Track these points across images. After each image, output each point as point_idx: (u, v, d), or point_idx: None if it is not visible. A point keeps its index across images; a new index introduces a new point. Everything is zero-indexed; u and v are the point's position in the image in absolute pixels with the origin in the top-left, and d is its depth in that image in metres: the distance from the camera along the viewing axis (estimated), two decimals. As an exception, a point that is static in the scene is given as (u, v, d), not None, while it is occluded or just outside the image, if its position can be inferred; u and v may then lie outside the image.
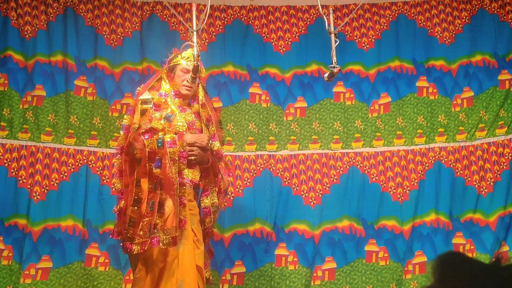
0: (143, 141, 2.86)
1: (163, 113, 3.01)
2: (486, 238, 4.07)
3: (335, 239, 4.18)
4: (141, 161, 2.88)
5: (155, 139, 2.88)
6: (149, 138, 2.87)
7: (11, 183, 3.96)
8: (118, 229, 2.98)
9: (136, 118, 2.95)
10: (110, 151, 4.15)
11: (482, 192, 4.16)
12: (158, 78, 3.16)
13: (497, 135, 4.22)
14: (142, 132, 2.89)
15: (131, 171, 2.94)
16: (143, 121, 2.94)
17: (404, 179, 4.26)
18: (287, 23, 4.49)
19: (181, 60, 3.16)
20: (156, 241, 2.82)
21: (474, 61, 4.34)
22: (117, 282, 3.98)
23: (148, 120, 2.95)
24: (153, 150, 2.86)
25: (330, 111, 4.38)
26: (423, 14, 4.45)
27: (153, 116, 2.98)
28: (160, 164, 2.88)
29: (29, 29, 4.17)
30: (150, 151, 2.86)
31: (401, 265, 4.12)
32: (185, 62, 3.14)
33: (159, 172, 2.87)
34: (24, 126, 4.06)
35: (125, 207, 2.91)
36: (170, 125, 3.00)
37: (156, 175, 2.87)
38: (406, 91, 4.37)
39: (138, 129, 2.92)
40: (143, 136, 2.88)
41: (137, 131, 2.91)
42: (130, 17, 4.36)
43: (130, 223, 2.85)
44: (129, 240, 2.86)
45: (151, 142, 2.87)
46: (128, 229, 2.85)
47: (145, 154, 2.85)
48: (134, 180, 2.89)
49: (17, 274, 3.84)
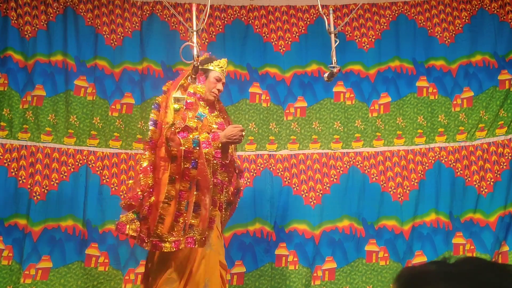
0: (178, 140, 2.87)
1: (194, 112, 3.02)
2: (486, 238, 4.07)
3: (335, 239, 4.18)
4: (177, 159, 2.89)
5: (191, 138, 2.89)
6: (184, 137, 2.89)
7: (11, 183, 3.96)
8: (146, 226, 2.92)
9: (170, 115, 2.96)
10: (110, 151, 4.16)
11: (482, 192, 4.16)
12: (187, 76, 3.15)
13: (497, 135, 4.22)
14: (178, 131, 2.90)
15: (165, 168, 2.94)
16: (177, 119, 2.95)
17: (404, 179, 4.26)
18: (287, 23, 4.49)
19: (216, 67, 3.21)
20: (192, 241, 2.84)
21: (474, 61, 4.35)
22: (117, 282, 3.98)
23: (182, 119, 2.95)
24: (189, 149, 2.87)
25: (330, 111, 4.38)
26: (423, 14, 4.45)
27: (186, 114, 2.98)
28: (196, 164, 2.88)
29: (29, 29, 4.17)
30: (186, 150, 2.87)
31: (401, 265, 4.11)
32: (219, 71, 3.21)
33: (196, 172, 2.88)
34: (24, 126, 4.06)
35: (155, 203, 2.90)
36: (202, 125, 3.02)
37: (192, 175, 2.88)
38: (406, 91, 4.38)
39: (172, 126, 2.91)
40: (178, 135, 2.89)
41: (173, 129, 2.91)
42: (130, 17, 4.36)
43: (160, 220, 2.85)
44: (158, 238, 2.85)
45: (187, 141, 2.88)
46: (157, 226, 2.84)
47: (180, 153, 2.86)
48: (168, 177, 2.89)
49: (17, 274, 3.84)
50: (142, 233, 2.91)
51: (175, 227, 2.84)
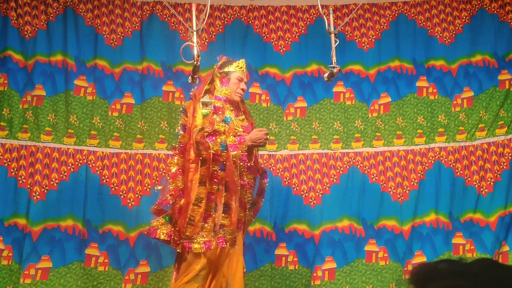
0: (207, 143, 2.96)
1: (221, 116, 3.11)
2: (486, 238, 4.07)
3: (335, 239, 4.17)
4: (206, 162, 2.97)
5: (219, 142, 2.99)
6: (213, 141, 2.98)
7: (11, 183, 3.95)
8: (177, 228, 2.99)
9: (199, 120, 3.05)
10: (110, 151, 4.16)
11: (482, 192, 4.16)
12: (210, 81, 3.22)
13: (497, 135, 4.22)
14: (206, 134, 2.99)
15: (194, 170, 3.02)
16: (205, 123, 3.04)
17: (404, 179, 4.26)
18: (287, 23, 4.49)
19: (237, 68, 3.30)
20: (223, 240, 2.94)
21: (474, 61, 4.34)
22: (117, 282, 3.97)
23: (210, 123, 3.04)
24: (217, 152, 2.97)
25: (330, 111, 4.37)
26: (423, 14, 4.45)
27: (214, 119, 3.06)
28: (224, 167, 2.98)
29: (29, 29, 4.17)
30: (215, 153, 2.96)
31: (401, 265, 4.11)
32: (240, 71, 3.30)
33: (224, 174, 2.98)
34: (24, 126, 4.06)
35: (185, 205, 2.97)
36: (229, 128, 3.10)
37: (220, 177, 2.98)
38: (406, 91, 4.38)
39: (201, 130, 3.00)
40: (207, 139, 2.97)
41: (201, 133, 2.99)
42: (130, 17, 4.36)
43: (190, 222, 2.93)
44: (188, 239, 2.93)
45: (215, 144, 2.98)
46: (187, 228, 2.92)
47: (209, 156, 2.96)
48: (198, 180, 2.97)
49: (17, 274, 3.83)
50: (175, 236, 2.99)
51: (204, 228, 2.93)
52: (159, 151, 4.22)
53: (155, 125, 4.25)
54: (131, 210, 4.09)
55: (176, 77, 4.33)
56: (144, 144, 4.22)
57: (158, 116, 4.26)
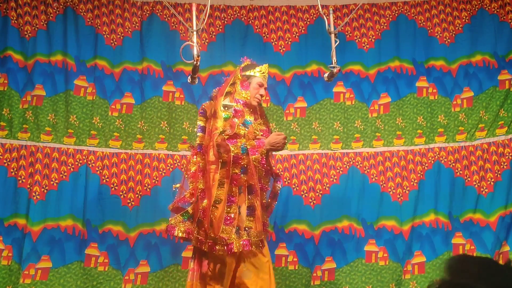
0: (228, 146, 2.99)
1: (241, 119, 3.13)
2: (486, 238, 4.07)
3: (335, 239, 4.17)
4: (226, 164, 3.00)
5: (239, 145, 3.02)
6: (233, 143, 3.01)
7: (11, 183, 3.95)
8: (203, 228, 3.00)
9: (220, 122, 3.06)
10: (110, 151, 4.16)
11: (482, 192, 4.16)
12: (231, 83, 3.22)
13: (497, 135, 4.22)
14: (227, 137, 3.02)
15: (214, 172, 3.04)
16: (226, 126, 3.06)
17: (403, 179, 4.26)
18: (287, 23, 4.49)
19: (258, 73, 3.30)
20: (248, 243, 2.96)
21: (474, 61, 4.34)
22: (117, 282, 3.97)
23: (231, 126, 3.06)
24: (237, 155, 3.00)
25: (330, 111, 4.37)
26: (423, 14, 4.45)
27: (235, 122, 3.08)
28: (246, 170, 3.02)
29: (29, 29, 4.17)
30: (235, 156, 2.99)
31: (401, 265, 4.12)
32: (261, 77, 3.29)
33: (246, 178, 3.02)
34: (23, 126, 4.06)
35: (208, 207, 2.98)
36: (248, 132, 3.13)
37: (242, 180, 3.01)
38: (406, 91, 4.38)
39: (222, 133, 3.02)
40: (227, 142, 3.00)
41: (222, 136, 3.01)
42: (130, 17, 4.36)
43: (211, 223, 2.95)
44: (212, 240, 2.95)
45: (236, 147, 3.01)
46: (209, 229, 2.95)
47: (230, 158, 2.98)
48: (217, 182, 2.99)
49: (16, 274, 3.83)
50: (200, 235, 3.00)
51: (225, 231, 2.94)
52: (159, 151, 4.22)
53: (155, 125, 4.25)
54: (131, 210, 4.10)
55: (176, 77, 4.33)
56: (144, 144, 4.22)
57: (158, 116, 4.27)
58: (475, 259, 1.25)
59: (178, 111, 4.30)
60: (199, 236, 3.00)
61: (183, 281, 4.02)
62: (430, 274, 4.08)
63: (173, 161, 4.22)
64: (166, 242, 4.05)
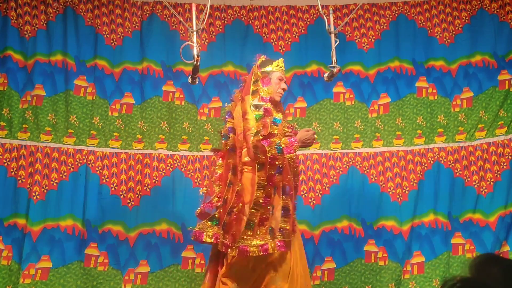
0: (264, 147, 2.92)
1: (271, 118, 3.05)
2: (486, 238, 4.07)
3: (334, 239, 4.18)
4: (264, 166, 2.92)
5: (274, 145, 2.94)
6: (269, 144, 2.93)
7: (11, 183, 3.95)
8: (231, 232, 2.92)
9: (252, 122, 2.98)
10: (110, 151, 4.16)
11: (482, 192, 4.16)
12: (254, 81, 3.15)
13: (497, 135, 4.22)
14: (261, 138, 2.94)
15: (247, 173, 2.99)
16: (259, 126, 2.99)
17: (403, 179, 4.26)
18: (287, 23, 4.49)
19: (276, 67, 3.23)
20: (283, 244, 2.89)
21: (474, 61, 4.35)
22: (117, 282, 3.97)
23: (264, 126, 2.99)
24: (274, 155, 2.92)
25: (330, 111, 4.38)
26: (423, 14, 4.45)
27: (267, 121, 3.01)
28: (281, 170, 2.93)
29: (29, 29, 4.16)
30: (271, 156, 2.91)
31: (400, 265, 4.12)
32: (280, 71, 3.23)
33: (281, 178, 2.94)
34: (23, 126, 4.06)
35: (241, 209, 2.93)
36: (279, 130, 3.06)
37: (277, 181, 2.93)
38: (406, 92, 4.38)
39: (257, 134, 2.95)
40: (263, 142, 2.93)
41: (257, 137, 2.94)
42: (130, 17, 4.36)
43: (248, 226, 2.88)
44: (244, 243, 2.87)
45: (272, 148, 2.93)
46: (245, 232, 2.88)
47: (267, 159, 2.91)
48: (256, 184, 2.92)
49: (16, 274, 3.83)
50: (225, 239, 2.93)
51: (260, 231, 2.89)
52: (159, 151, 4.22)
53: (155, 125, 4.25)
54: (131, 210, 4.10)
55: (176, 77, 4.33)
56: (144, 144, 4.22)
57: (158, 116, 4.27)
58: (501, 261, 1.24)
59: (178, 111, 4.30)
60: (225, 240, 2.92)
61: (183, 281, 4.03)
62: (430, 274, 4.09)
63: (173, 161, 4.22)
64: (166, 242, 4.06)
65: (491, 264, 1.21)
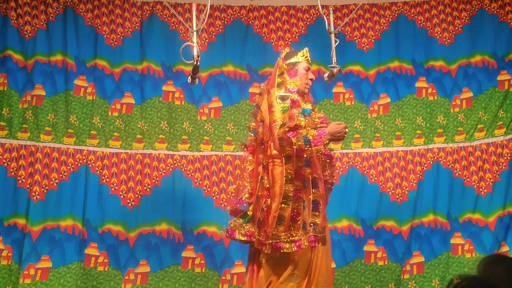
0: (290, 139, 2.82)
1: (299, 109, 2.96)
2: (485, 238, 4.08)
3: (334, 239, 4.16)
4: (290, 159, 2.84)
5: (301, 137, 2.84)
6: (295, 135, 2.84)
7: (11, 183, 3.96)
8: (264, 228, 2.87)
9: (277, 114, 2.88)
10: (110, 151, 4.16)
11: (481, 193, 4.17)
12: (280, 74, 3.06)
13: (496, 136, 4.23)
14: (287, 130, 2.85)
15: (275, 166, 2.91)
16: (285, 118, 2.88)
17: (403, 179, 4.26)
18: (287, 23, 4.49)
19: (301, 58, 3.11)
20: (315, 239, 2.82)
21: (474, 61, 4.35)
22: (117, 282, 3.97)
23: (290, 118, 2.89)
24: (301, 147, 2.82)
25: (330, 111, 4.37)
26: (423, 14, 4.45)
27: (294, 113, 2.92)
28: (309, 163, 2.84)
29: (29, 29, 4.16)
30: (298, 148, 2.82)
31: (400, 265, 4.12)
32: (306, 61, 3.11)
33: (310, 171, 2.84)
34: (23, 126, 4.06)
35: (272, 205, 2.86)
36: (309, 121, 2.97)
37: (305, 173, 2.84)
38: (406, 92, 4.38)
39: (283, 126, 2.85)
40: (288, 134, 2.84)
41: (283, 129, 2.84)
42: (130, 17, 4.36)
43: (279, 221, 2.81)
44: (277, 239, 2.80)
45: (298, 140, 2.83)
46: (277, 227, 2.81)
47: (293, 152, 2.82)
48: (285, 178, 2.83)
49: (16, 274, 3.83)
50: (261, 236, 2.87)
51: (293, 227, 2.82)
52: (159, 151, 4.22)
53: (155, 125, 4.25)
54: (131, 210, 4.10)
55: (176, 77, 4.33)
56: (144, 144, 4.22)
57: (158, 116, 4.27)
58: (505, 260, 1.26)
59: (178, 111, 4.30)
60: (260, 237, 2.87)
61: (183, 281, 4.03)
62: (429, 274, 4.09)
63: (173, 161, 4.22)
64: (166, 242, 4.06)
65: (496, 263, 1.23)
